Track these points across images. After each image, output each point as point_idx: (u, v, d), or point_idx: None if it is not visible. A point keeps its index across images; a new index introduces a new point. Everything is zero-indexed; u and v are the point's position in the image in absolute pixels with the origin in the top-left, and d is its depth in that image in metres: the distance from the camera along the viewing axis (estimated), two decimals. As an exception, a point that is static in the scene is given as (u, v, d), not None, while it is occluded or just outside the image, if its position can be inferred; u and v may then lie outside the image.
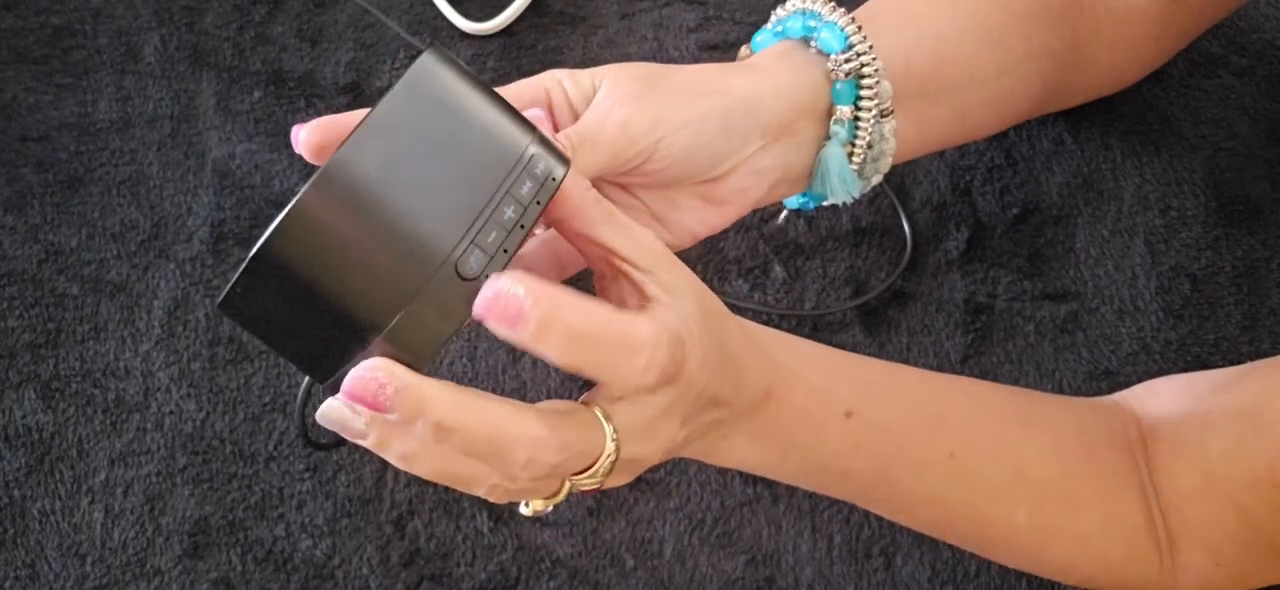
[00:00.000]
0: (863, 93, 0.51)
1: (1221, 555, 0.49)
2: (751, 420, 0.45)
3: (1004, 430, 0.51)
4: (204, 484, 0.62)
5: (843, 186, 0.52)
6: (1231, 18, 0.72)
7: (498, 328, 0.35)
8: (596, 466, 0.40)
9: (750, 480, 0.62)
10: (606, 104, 0.46)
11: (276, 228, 0.34)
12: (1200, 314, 0.65)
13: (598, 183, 0.49)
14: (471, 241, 0.35)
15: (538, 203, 0.37)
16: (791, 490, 0.61)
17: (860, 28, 0.51)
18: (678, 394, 0.40)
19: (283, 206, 0.69)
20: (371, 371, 0.35)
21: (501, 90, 0.46)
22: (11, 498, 0.62)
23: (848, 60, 0.50)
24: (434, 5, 0.75)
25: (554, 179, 0.37)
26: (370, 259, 0.34)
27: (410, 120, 0.35)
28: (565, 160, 0.38)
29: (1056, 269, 0.66)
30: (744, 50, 0.54)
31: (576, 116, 0.47)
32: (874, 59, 0.50)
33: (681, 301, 0.40)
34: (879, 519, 0.60)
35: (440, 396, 0.36)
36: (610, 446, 0.39)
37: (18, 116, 0.73)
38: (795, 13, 0.51)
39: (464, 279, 0.35)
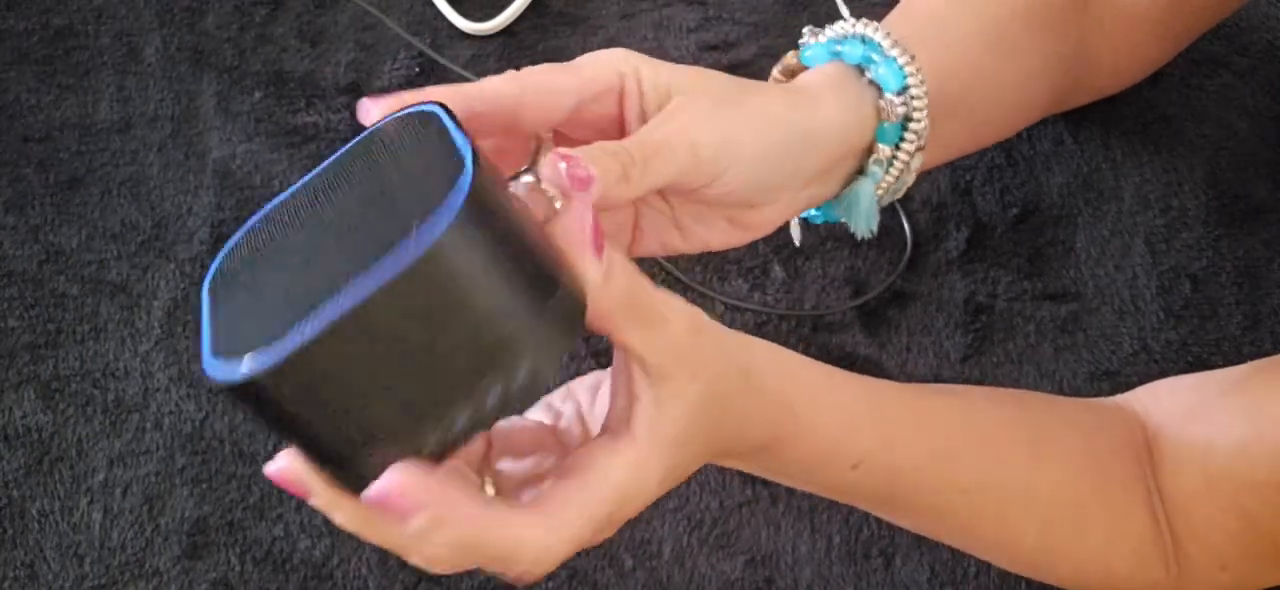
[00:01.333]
0: (907, 135, 0.50)
1: (1225, 558, 0.49)
2: (751, 458, 0.45)
3: (1019, 459, 0.50)
4: (203, 484, 0.63)
5: (865, 221, 0.51)
6: (1232, 18, 0.72)
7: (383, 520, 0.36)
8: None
9: (749, 480, 0.61)
10: (681, 119, 0.44)
11: (260, 373, 0.31)
12: (1201, 314, 0.65)
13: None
14: (412, 447, 0.34)
15: (496, 417, 0.34)
16: (791, 490, 0.61)
17: (916, 64, 0.49)
18: (627, 499, 0.39)
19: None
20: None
21: (573, 64, 0.44)
22: (10, 498, 0.62)
23: (902, 103, 0.49)
24: (434, 5, 0.75)
25: (529, 395, 0.34)
26: (321, 432, 0.33)
27: (414, 302, 0.31)
28: (575, 327, 0.35)
29: (1057, 269, 0.66)
30: (791, 57, 0.53)
31: (644, 114, 0.45)
32: (924, 100, 0.49)
33: (666, 418, 0.39)
34: (879, 521, 0.60)
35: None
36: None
37: (19, 116, 0.73)
38: (853, 38, 0.50)
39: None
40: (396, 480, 0.34)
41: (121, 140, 0.72)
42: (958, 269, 0.66)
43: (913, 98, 0.49)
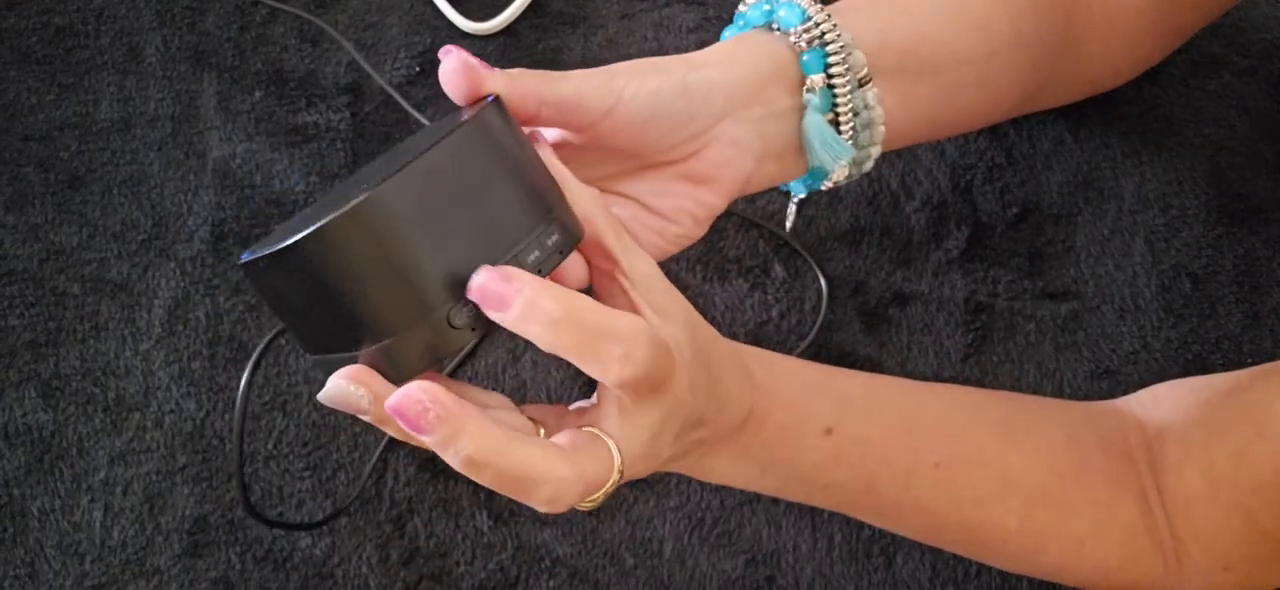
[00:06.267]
0: (831, 59, 0.50)
1: (1228, 559, 0.49)
2: (732, 440, 0.47)
3: (989, 438, 0.52)
4: (203, 483, 0.62)
5: (828, 151, 0.50)
6: (1232, 18, 0.72)
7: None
8: (600, 493, 0.42)
9: (750, 479, 0.62)
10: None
11: (310, 233, 0.37)
12: (1201, 313, 0.65)
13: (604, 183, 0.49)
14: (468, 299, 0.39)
15: (540, 271, 0.40)
16: (791, 489, 0.61)
17: (821, 4, 0.51)
18: (669, 410, 0.42)
19: (283, 206, 0.69)
20: (420, 393, 0.37)
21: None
22: (11, 496, 0.62)
23: (807, 30, 0.50)
24: (434, 5, 0.75)
25: (560, 253, 0.41)
26: (381, 285, 0.38)
27: (452, 174, 0.38)
28: (578, 234, 0.42)
29: (1057, 268, 0.66)
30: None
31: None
32: (834, 27, 0.50)
33: (670, 324, 0.42)
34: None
35: (477, 433, 0.38)
36: (616, 475, 0.42)
37: (20, 116, 0.73)
38: (755, 4, 0.52)
39: (453, 328, 0.39)
40: (413, 391, 0.37)
41: (122, 140, 0.72)
42: (958, 268, 0.67)
43: (817, 23, 0.49)
